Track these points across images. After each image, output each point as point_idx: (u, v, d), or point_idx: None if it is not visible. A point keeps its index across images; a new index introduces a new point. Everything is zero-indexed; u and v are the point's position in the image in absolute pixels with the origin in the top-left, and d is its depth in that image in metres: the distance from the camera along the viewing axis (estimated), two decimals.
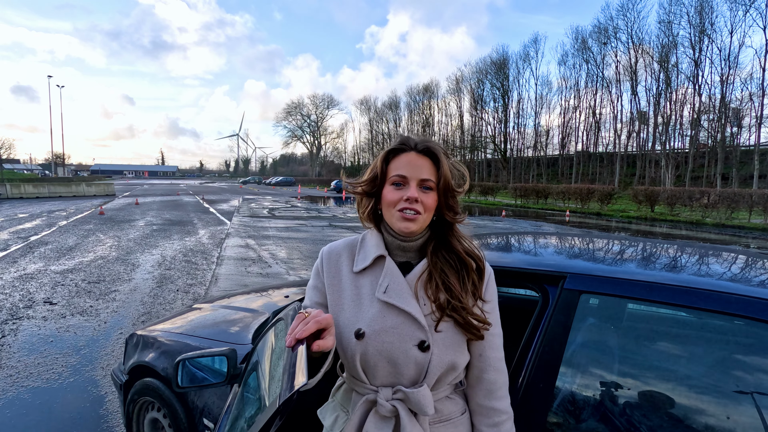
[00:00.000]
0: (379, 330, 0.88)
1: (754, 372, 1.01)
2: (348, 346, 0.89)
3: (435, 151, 0.91)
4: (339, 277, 0.97)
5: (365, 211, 0.98)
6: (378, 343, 0.87)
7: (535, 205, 26.63)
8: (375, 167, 0.95)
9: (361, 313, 0.91)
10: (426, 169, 0.90)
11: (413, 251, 0.95)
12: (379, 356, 0.88)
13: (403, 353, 0.87)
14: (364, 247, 0.98)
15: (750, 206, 17.31)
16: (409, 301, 0.89)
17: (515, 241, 1.85)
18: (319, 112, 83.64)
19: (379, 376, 0.90)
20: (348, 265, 0.97)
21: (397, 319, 0.88)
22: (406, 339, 0.87)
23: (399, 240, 0.94)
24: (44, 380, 3.22)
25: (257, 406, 1.02)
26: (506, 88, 47.17)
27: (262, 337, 1.33)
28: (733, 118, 30.56)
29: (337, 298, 0.95)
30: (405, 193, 0.89)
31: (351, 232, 11.82)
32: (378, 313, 0.89)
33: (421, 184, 0.90)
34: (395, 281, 0.91)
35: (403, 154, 0.92)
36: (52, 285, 5.83)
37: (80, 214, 15.22)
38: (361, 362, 0.89)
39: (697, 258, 1.42)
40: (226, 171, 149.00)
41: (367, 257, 0.95)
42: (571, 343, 1.14)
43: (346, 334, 0.90)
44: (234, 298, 2.64)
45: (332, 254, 1.00)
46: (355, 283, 0.95)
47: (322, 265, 1.00)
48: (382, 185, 0.94)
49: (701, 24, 31.04)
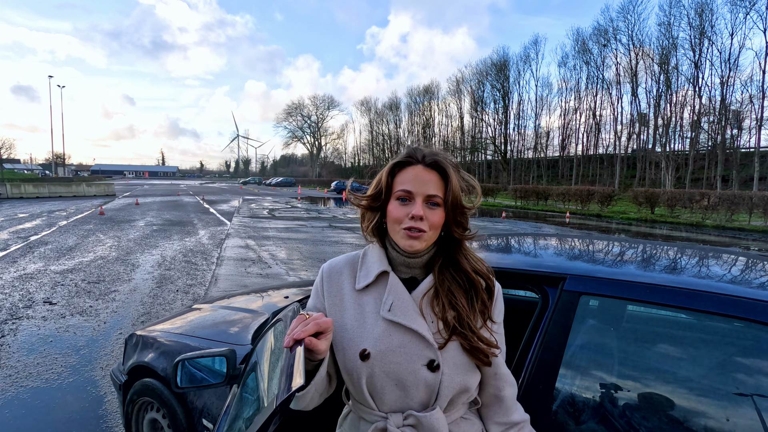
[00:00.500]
0: (385, 350, 0.83)
1: (753, 374, 1.01)
2: (353, 368, 0.85)
3: (443, 165, 0.86)
4: (341, 296, 0.92)
5: (369, 225, 0.93)
6: (384, 363, 0.83)
7: (536, 207, 26.63)
8: (380, 181, 0.90)
9: (365, 332, 0.86)
10: (433, 185, 0.85)
11: (419, 267, 0.91)
12: (387, 378, 0.83)
13: (411, 374, 0.82)
14: (366, 263, 0.93)
15: (750, 208, 17.30)
16: (415, 318, 0.84)
17: (515, 242, 1.85)
18: (319, 113, 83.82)
19: (388, 400, 0.85)
20: (350, 282, 0.93)
21: (404, 337, 0.84)
22: (414, 359, 0.83)
23: (404, 256, 0.89)
24: (44, 380, 3.22)
25: (256, 406, 1.02)
26: (506, 89, 47.24)
27: (261, 338, 1.33)
28: (734, 120, 30.58)
29: (340, 317, 0.90)
30: (410, 209, 0.84)
31: (351, 233, 11.82)
32: (383, 332, 0.85)
33: (427, 200, 0.85)
34: (400, 298, 0.86)
35: (409, 168, 0.87)
36: (52, 285, 5.83)
37: (80, 214, 15.22)
38: (367, 385, 0.84)
39: (696, 260, 1.42)
40: (226, 171, 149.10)
41: (369, 274, 0.90)
42: (571, 344, 1.14)
43: (351, 356, 0.85)
44: (234, 299, 2.64)
45: (332, 272, 0.95)
46: (357, 301, 0.90)
47: (321, 284, 0.95)
48: (388, 199, 0.89)
49: (701, 26, 31.09)
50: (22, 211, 16.20)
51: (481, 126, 51.34)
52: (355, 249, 7.71)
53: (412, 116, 62.14)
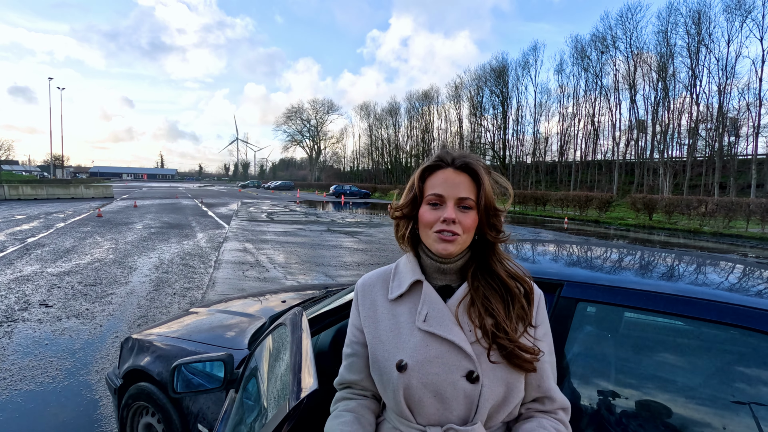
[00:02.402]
0: (422, 360, 0.81)
1: (751, 382, 1.01)
2: (390, 380, 0.83)
3: (474, 167, 0.85)
4: (374, 308, 0.91)
5: (404, 233, 0.91)
6: (422, 374, 0.80)
7: (534, 212, 26.67)
8: (412, 186, 0.89)
9: (401, 343, 0.84)
10: (464, 187, 0.84)
11: (453, 273, 0.88)
12: (425, 389, 0.81)
13: (450, 385, 0.80)
14: (398, 273, 0.92)
15: (747, 215, 17.36)
16: (452, 328, 0.82)
17: (512, 248, 1.85)
18: (318, 117, 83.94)
19: (425, 413, 0.82)
20: (383, 293, 0.92)
21: (441, 348, 0.82)
22: (452, 369, 0.80)
23: (438, 262, 0.87)
24: (38, 383, 3.19)
25: (258, 411, 1.01)
26: (505, 95, 47.40)
27: (259, 343, 1.33)
28: (731, 127, 30.75)
29: (374, 329, 0.89)
30: (442, 213, 0.83)
31: (349, 237, 11.81)
32: (420, 342, 0.82)
33: (459, 203, 0.83)
34: (435, 308, 0.84)
35: (439, 171, 0.86)
36: (49, 287, 5.80)
37: (78, 217, 15.18)
38: (405, 397, 0.82)
39: (694, 267, 1.42)
40: (225, 174, 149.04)
41: (402, 284, 0.89)
42: (568, 351, 1.14)
43: (387, 367, 0.83)
44: (231, 303, 2.64)
45: (366, 286, 0.95)
46: (391, 312, 0.88)
47: (357, 299, 0.95)
48: (419, 205, 0.88)
49: (699, 34, 31.31)
50: (20, 213, 16.15)
51: (480, 131, 51.50)
52: (353, 253, 7.70)
53: (412, 121, 62.33)
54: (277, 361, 1.05)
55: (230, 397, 1.34)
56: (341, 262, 8.32)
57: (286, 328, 1.08)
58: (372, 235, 12.66)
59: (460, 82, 53.50)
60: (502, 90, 47.42)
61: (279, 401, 0.84)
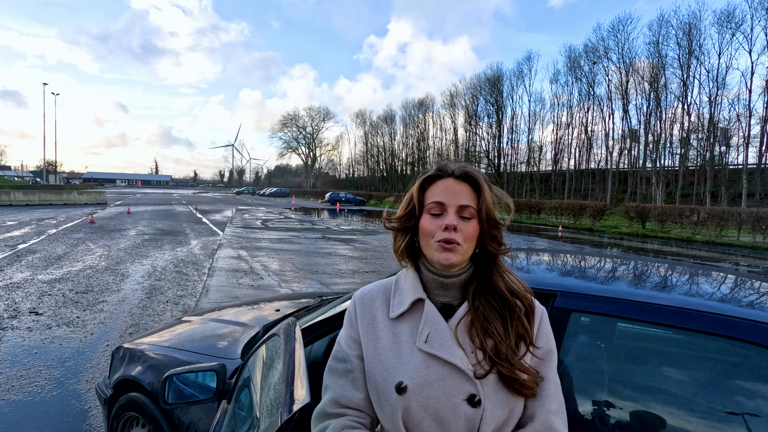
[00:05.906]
0: (422, 383, 0.79)
1: (743, 393, 1.02)
2: (388, 402, 0.80)
3: (474, 177, 0.85)
4: (374, 325, 0.88)
5: (401, 245, 0.89)
6: (422, 398, 0.78)
7: (528, 220, 26.79)
8: (411, 197, 0.87)
9: (400, 363, 0.81)
10: (465, 195, 0.83)
11: (455, 289, 0.86)
12: (424, 413, 0.78)
13: (451, 409, 0.77)
14: (399, 289, 0.89)
15: (739, 224, 17.56)
16: (453, 351, 0.80)
17: (506, 257, 1.86)
18: (314, 124, 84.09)
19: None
20: (383, 310, 0.89)
21: (443, 370, 0.79)
22: (453, 393, 0.78)
23: (440, 277, 0.85)
24: (26, 393, 3.13)
25: (251, 423, 1.00)
26: (500, 104, 47.80)
27: (252, 353, 1.32)
28: (722, 137, 31.18)
29: (373, 347, 0.86)
30: (443, 221, 0.82)
31: (344, 245, 11.78)
32: (421, 363, 0.80)
33: (460, 211, 0.82)
34: (436, 328, 0.82)
35: (439, 181, 0.86)
36: (39, 295, 5.73)
37: (70, 223, 15.03)
38: (403, 420, 0.79)
39: (687, 278, 1.43)
40: (220, 181, 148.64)
41: (403, 301, 0.86)
42: (561, 361, 1.14)
43: (385, 389, 0.80)
44: (224, 311, 2.61)
45: (365, 299, 0.92)
46: (392, 331, 0.86)
47: (355, 312, 0.91)
48: (419, 216, 0.86)
49: (689, 46, 31.86)
50: (11, 219, 15.96)
51: (475, 139, 51.85)
52: (348, 261, 7.67)
53: (407, 128, 62.64)
54: (270, 371, 1.04)
55: (222, 408, 1.33)
56: (336, 269, 8.29)
57: (279, 338, 1.07)
58: (367, 242, 12.64)
59: (455, 91, 53.98)
60: (497, 99, 47.85)
61: (271, 413, 0.84)
